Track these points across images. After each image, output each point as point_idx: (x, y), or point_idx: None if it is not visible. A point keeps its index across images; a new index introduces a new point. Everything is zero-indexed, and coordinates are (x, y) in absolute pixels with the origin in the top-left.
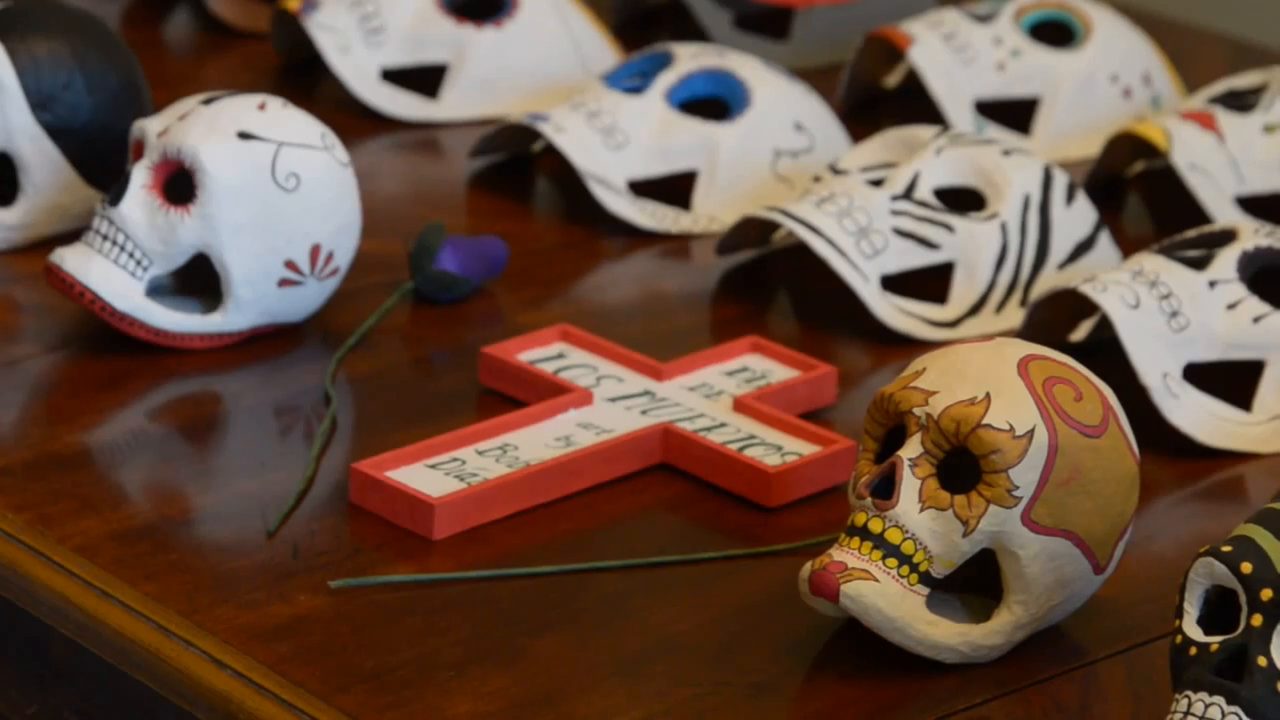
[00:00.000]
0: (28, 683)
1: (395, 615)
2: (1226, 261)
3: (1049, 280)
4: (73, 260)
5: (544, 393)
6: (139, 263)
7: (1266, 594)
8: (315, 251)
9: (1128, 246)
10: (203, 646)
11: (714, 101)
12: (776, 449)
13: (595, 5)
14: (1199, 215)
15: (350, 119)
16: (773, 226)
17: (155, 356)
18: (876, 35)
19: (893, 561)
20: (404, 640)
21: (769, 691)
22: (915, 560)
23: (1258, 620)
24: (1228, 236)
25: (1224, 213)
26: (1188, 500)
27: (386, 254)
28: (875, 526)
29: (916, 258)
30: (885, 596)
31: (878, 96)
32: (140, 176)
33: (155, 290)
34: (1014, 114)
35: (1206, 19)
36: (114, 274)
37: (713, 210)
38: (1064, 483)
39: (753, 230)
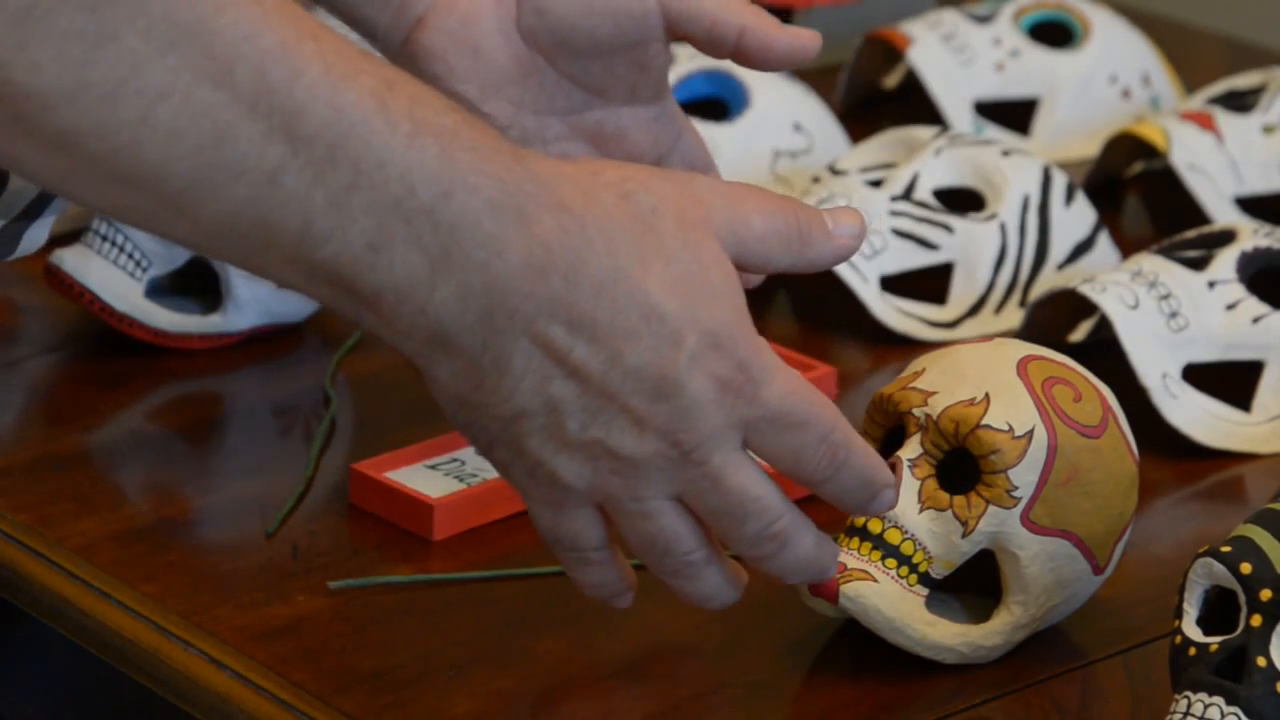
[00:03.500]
0: (27, 683)
1: (395, 615)
2: (1226, 262)
3: (1048, 281)
4: (72, 261)
5: None
6: (138, 263)
7: (1266, 594)
8: None
9: (1127, 247)
10: (202, 647)
11: (713, 102)
12: None
13: None
14: (1198, 216)
15: None
16: None
17: (155, 357)
18: (876, 36)
19: (892, 562)
20: (404, 640)
21: (769, 691)
22: (915, 561)
23: (1257, 620)
24: (1227, 237)
25: (1223, 213)
26: (1187, 500)
27: None
28: (874, 527)
29: (916, 258)
30: (885, 597)
31: (877, 97)
32: None
33: (155, 291)
34: (1013, 114)
35: (1206, 19)
36: (114, 275)
37: None
38: (1063, 483)
39: None
